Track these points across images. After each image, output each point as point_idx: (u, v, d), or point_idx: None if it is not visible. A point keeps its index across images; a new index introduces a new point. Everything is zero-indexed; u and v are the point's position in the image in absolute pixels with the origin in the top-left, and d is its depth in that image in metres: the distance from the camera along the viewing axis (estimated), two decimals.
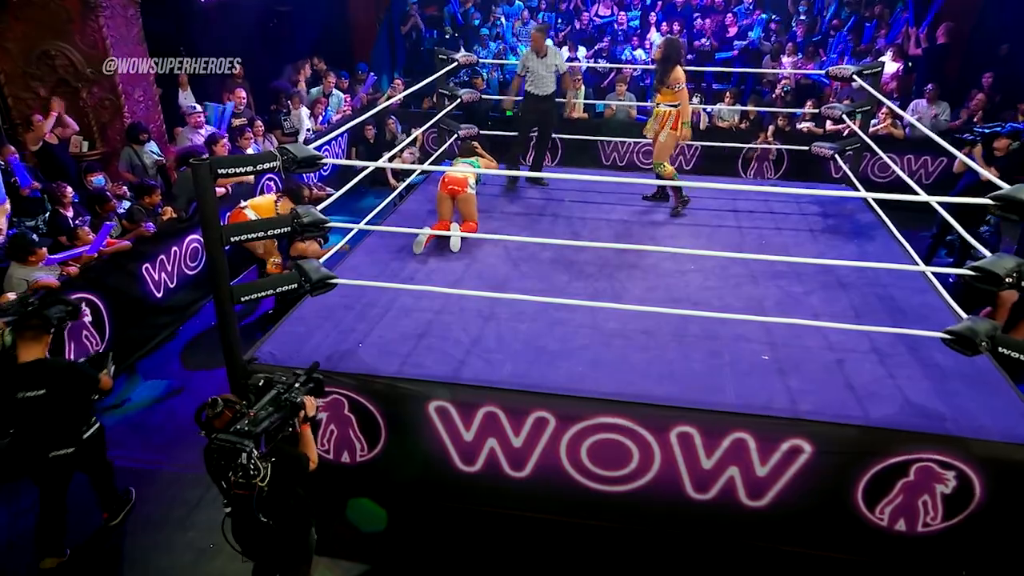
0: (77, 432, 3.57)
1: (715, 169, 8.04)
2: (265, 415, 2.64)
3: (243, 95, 7.75)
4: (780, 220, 5.65)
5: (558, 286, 4.51)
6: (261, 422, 2.60)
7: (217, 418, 2.68)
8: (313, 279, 3.56)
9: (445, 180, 5.23)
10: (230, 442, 2.51)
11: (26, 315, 3.53)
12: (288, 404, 2.74)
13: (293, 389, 2.81)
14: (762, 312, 4.13)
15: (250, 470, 2.49)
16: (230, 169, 3.22)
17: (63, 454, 3.52)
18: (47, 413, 3.44)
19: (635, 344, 3.88)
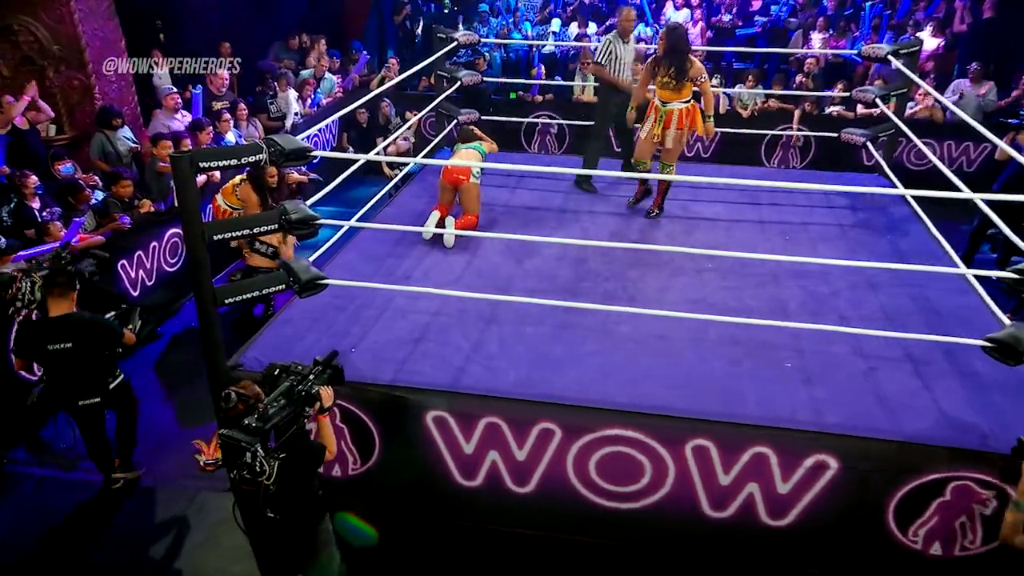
0: (103, 383, 4.11)
1: (735, 157, 8.03)
2: (276, 409, 2.71)
3: (224, 75, 7.74)
4: (806, 214, 5.64)
5: (565, 286, 4.52)
6: (271, 418, 2.68)
7: (231, 410, 2.77)
8: (302, 279, 3.58)
9: (447, 169, 5.29)
10: (235, 439, 2.59)
11: (53, 272, 4.04)
12: (302, 396, 2.81)
13: (307, 380, 2.86)
14: (785, 315, 4.13)
15: (255, 468, 2.60)
16: (212, 162, 3.23)
17: (91, 403, 4.07)
18: (74, 364, 3.97)
19: (648, 350, 3.89)
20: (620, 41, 5.91)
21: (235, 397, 2.78)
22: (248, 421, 2.64)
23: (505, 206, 5.84)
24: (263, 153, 3.33)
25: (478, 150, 5.68)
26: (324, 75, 8.97)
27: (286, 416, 2.73)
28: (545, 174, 6.15)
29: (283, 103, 8.10)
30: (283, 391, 2.78)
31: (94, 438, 4.20)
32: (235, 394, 2.79)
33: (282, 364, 2.91)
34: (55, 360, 3.95)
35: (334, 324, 4.10)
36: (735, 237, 5.23)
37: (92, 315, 4.05)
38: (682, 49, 5.02)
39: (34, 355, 4.00)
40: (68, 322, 3.94)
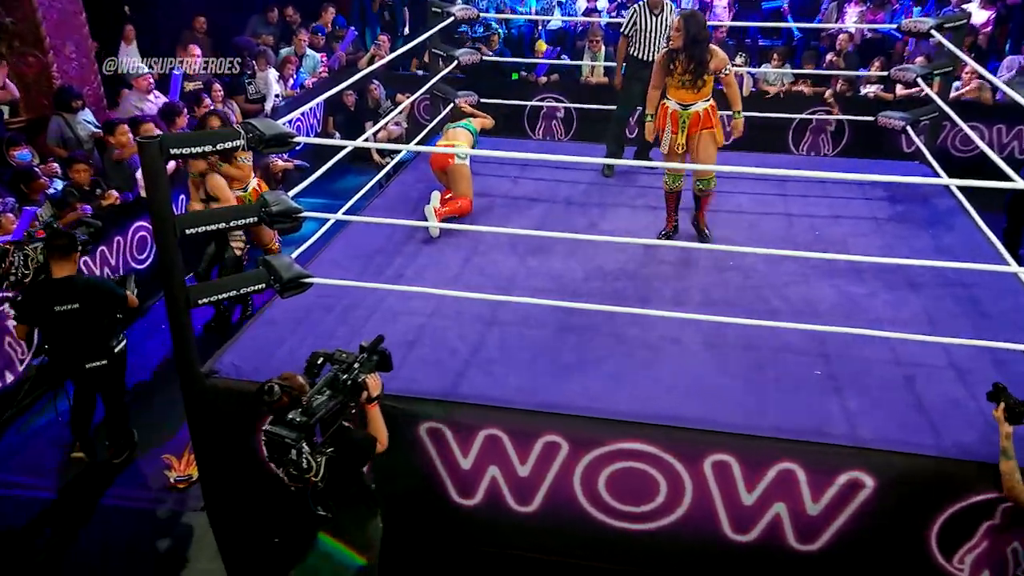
0: (108, 346, 4.43)
1: (760, 143, 7.97)
2: (320, 401, 2.77)
3: (197, 52, 7.76)
4: (839, 206, 5.65)
5: (572, 286, 4.53)
6: (315, 411, 2.74)
7: (275, 404, 2.83)
8: (284, 278, 3.60)
9: (432, 157, 5.49)
10: (279, 436, 2.66)
11: (54, 234, 4.33)
12: (348, 386, 2.86)
13: (352, 368, 2.92)
14: (815, 318, 4.14)
15: (302, 465, 2.67)
16: (184, 149, 3.25)
17: (97, 366, 4.40)
18: (80, 326, 4.29)
19: (663, 355, 3.90)
20: (647, 11, 5.86)
21: (278, 390, 2.83)
22: (292, 416, 2.71)
23: (507, 197, 5.85)
24: (240, 139, 3.35)
25: (467, 128, 5.76)
26: (305, 52, 8.97)
27: (332, 408, 2.79)
28: (551, 162, 6.16)
29: (262, 84, 8.12)
30: (327, 381, 2.85)
31: (87, 406, 4.57)
32: (278, 386, 2.85)
33: (325, 352, 2.97)
34: (62, 322, 4.25)
35: (319, 326, 4.12)
36: (759, 232, 5.23)
37: (95, 277, 4.43)
38: (703, 39, 4.58)
39: (40, 319, 4.28)
40: (73, 283, 4.26)
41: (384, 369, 3.07)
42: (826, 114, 8.22)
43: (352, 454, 2.94)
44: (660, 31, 5.83)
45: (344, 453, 2.88)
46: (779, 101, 8.41)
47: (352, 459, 2.96)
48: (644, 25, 5.85)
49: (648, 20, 5.84)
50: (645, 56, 5.94)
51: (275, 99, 8.10)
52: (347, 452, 2.90)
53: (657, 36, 5.85)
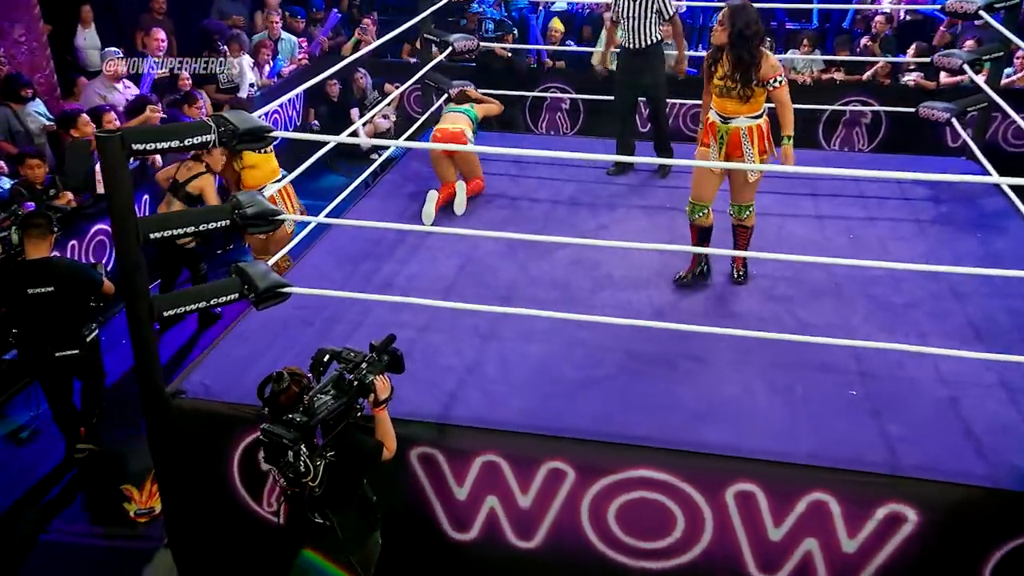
0: (80, 334, 4.59)
1: None
2: (323, 402, 2.84)
3: (162, 37, 7.78)
4: (875, 207, 5.67)
5: (579, 296, 4.54)
6: (317, 411, 2.82)
7: (283, 393, 2.90)
8: (259, 287, 3.61)
9: (437, 135, 5.64)
10: (276, 435, 2.74)
11: (32, 214, 4.54)
12: (354, 386, 2.93)
13: (360, 368, 2.98)
14: (849, 332, 4.14)
15: (299, 468, 2.75)
16: (148, 144, 3.27)
17: (68, 355, 4.55)
18: (53, 311, 4.45)
19: (680, 373, 3.91)
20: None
21: (288, 378, 2.90)
22: (291, 415, 2.78)
23: (507, 198, 5.87)
24: (211, 133, 3.37)
25: (468, 114, 5.92)
26: (280, 36, 8.98)
27: (335, 410, 2.86)
28: (555, 160, 6.18)
29: (235, 72, 8.15)
30: (332, 381, 2.92)
31: (63, 398, 4.71)
32: (288, 375, 2.92)
33: (332, 349, 3.03)
34: (34, 305, 4.42)
35: (298, 341, 4.12)
36: (787, 236, 5.25)
37: (71, 260, 4.59)
38: (752, 35, 4.15)
39: (11, 301, 4.45)
40: (48, 266, 4.44)
41: (395, 370, 3.14)
42: (861, 105, 8.23)
43: (355, 460, 3.00)
44: (643, 16, 5.84)
45: (346, 458, 2.94)
46: (808, 91, 8.43)
47: (355, 465, 3.02)
48: (626, 9, 5.87)
49: (629, 3, 5.85)
50: (631, 44, 5.95)
51: (250, 88, 8.13)
52: (350, 457, 2.96)
53: (639, 22, 5.85)
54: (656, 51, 6.00)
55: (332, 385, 2.91)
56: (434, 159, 5.71)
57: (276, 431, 2.75)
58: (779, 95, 4.31)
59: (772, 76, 4.24)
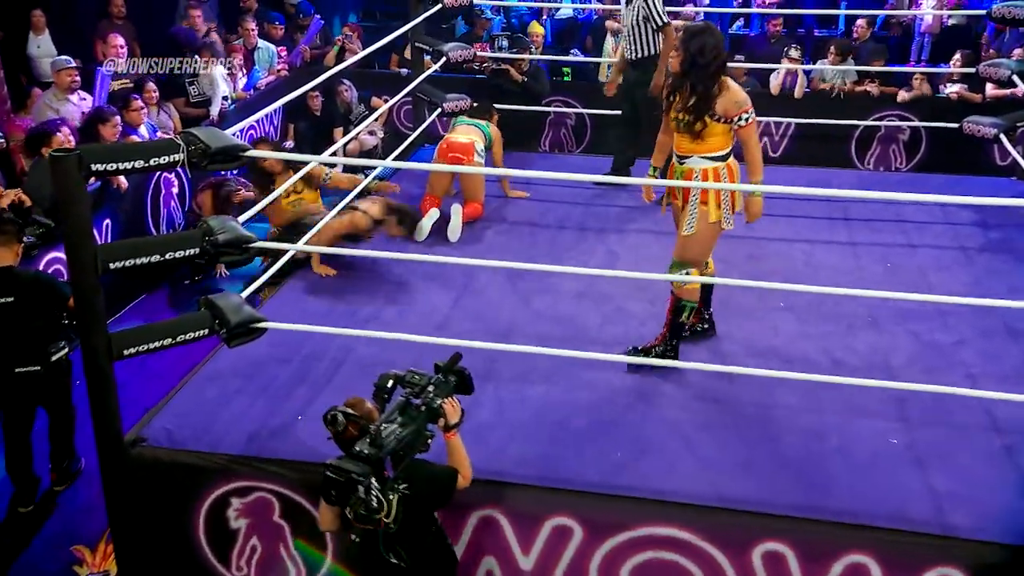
0: (44, 351, 4.56)
1: (816, 156, 8.09)
2: (391, 431, 2.88)
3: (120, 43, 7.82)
4: (915, 232, 5.69)
5: (586, 332, 4.53)
6: (386, 442, 2.85)
7: (342, 434, 2.97)
8: (231, 322, 3.61)
9: (444, 146, 5.79)
10: (344, 471, 2.77)
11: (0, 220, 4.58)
12: (422, 412, 2.98)
13: (427, 391, 3.03)
14: (888, 373, 4.13)
15: (371, 504, 2.77)
16: (109, 164, 3.28)
17: (29, 372, 4.53)
18: (14, 323, 4.44)
19: (699, 419, 3.89)
20: (623, 2, 6.07)
21: (343, 419, 2.97)
22: (359, 447, 2.81)
23: (506, 223, 5.89)
24: (179, 152, 3.38)
25: (481, 129, 6.03)
26: (257, 44, 9.04)
27: (404, 439, 2.89)
28: (559, 181, 6.21)
29: (207, 84, 8.20)
30: (398, 407, 2.97)
31: (20, 430, 4.64)
32: (342, 415, 2.98)
33: (395, 373, 3.07)
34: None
35: (274, 382, 4.12)
36: (816, 265, 5.26)
37: (38, 271, 4.58)
38: (707, 64, 3.94)
39: None
40: (11, 275, 4.44)
41: (464, 392, 3.19)
42: (898, 120, 8.28)
43: (430, 491, 3.05)
44: (637, 25, 5.98)
45: (420, 490, 2.98)
46: (839, 104, 8.49)
47: (430, 497, 3.06)
48: (624, 17, 6.04)
49: (626, 12, 6.00)
50: (629, 54, 6.12)
51: (223, 102, 8.18)
52: (424, 489, 3.00)
53: (634, 31, 5.99)
54: (652, 63, 6.11)
55: (399, 412, 2.95)
56: (434, 174, 5.84)
57: (344, 467, 2.79)
58: (744, 135, 4.06)
59: (736, 113, 4.00)
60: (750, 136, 4.08)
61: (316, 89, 8.09)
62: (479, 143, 5.91)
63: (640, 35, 5.98)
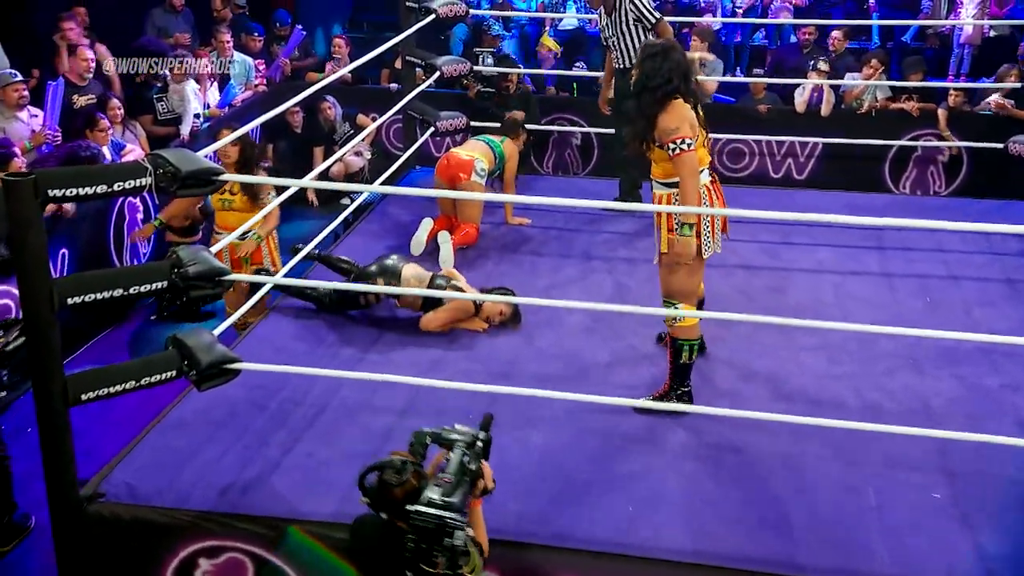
0: None
1: (846, 178, 8.10)
2: (457, 483, 2.86)
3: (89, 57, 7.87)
4: (957, 263, 5.69)
5: (593, 373, 4.52)
6: (455, 493, 2.82)
7: (401, 486, 2.89)
8: (202, 363, 3.59)
9: (444, 161, 5.93)
10: (437, 518, 2.71)
11: None
12: (471, 471, 2.96)
13: (475, 448, 3.01)
14: (930, 420, 4.11)
15: (458, 553, 2.73)
16: (67, 190, 3.28)
17: None
18: None
19: (718, 471, 3.87)
20: (603, 12, 6.14)
21: (410, 467, 2.91)
22: (434, 496, 2.77)
23: (506, 252, 5.90)
24: (146, 176, 3.39)
25: (490, 145, 6.12)
26: (232, 58, 9.08)
27: (465, 494, 2.88)
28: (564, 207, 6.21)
29: (176, 100, 8.24)
30: (458, 463, 2.92)
31: None
32: (405, 463, 2.92)
33: (432, 431, 3.02)
34: None
35: (248, 430, 4.09)
36: (847, 298, 5.26)
37: None
38: (656, 88, 4.03)
39: None
40: None
41: (485, 456, 3.12)
42: (936, 139, 8.31)
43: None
44: (624, 31, 6.08)
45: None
46: (871, 122, 8.52)
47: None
48: (608, 27, 6.15)
49: (608, 20, 6.12)
50: (620, 63, 6.20)
51: (195, 120, 8.22)
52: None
53: (622, 38, 6.10)
54: None
55: (459, 472, 2.90)
56: (436, 186, 5.98)
57: (435, 512, 2.73)
58: (678, 165, 4.01)
59: (666, 139, 3.99)
60: (680, 168, 4.02)
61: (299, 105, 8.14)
62: (481, 161, 5.96)
63: (631, 40, 6.06)
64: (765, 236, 6.03)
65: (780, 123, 8.23)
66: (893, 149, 8.36)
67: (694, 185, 4.03)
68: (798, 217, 4.19)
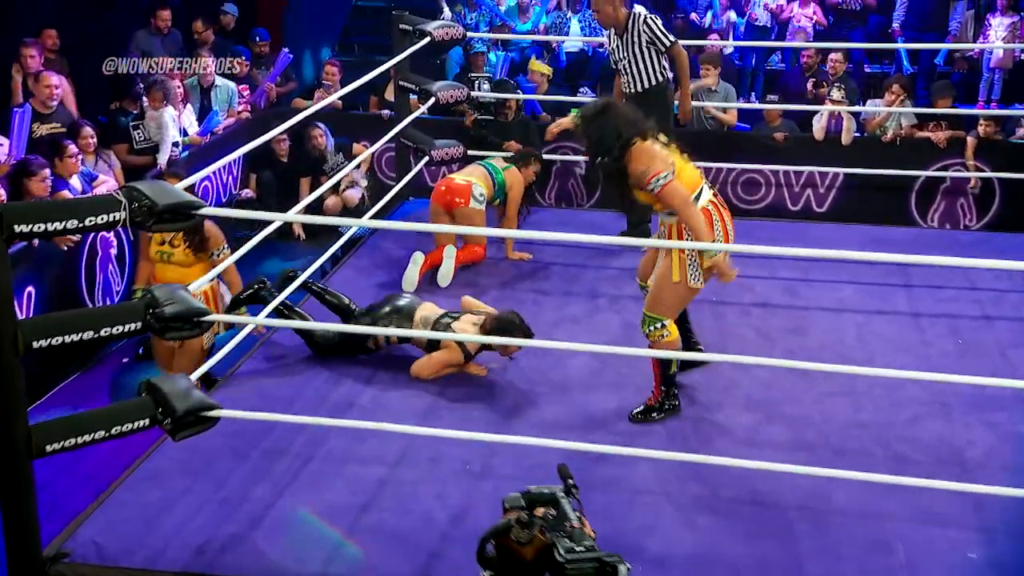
0: None
1: (870, 211, 8.13)
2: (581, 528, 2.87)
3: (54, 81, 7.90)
4: (990, 303, 5.70)
5: (600, 420, 4.51)
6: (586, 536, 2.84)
7: (530, 543, 2.85)
8: (178, 410, 3.56)
9: (442, 187, 6.06)
10: (594, 560, 2.71)
11: None
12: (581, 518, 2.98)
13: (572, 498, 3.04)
14: (963, 471, 4.09)
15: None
16: (35, 225, 3.27)
17: None
18: None
19: (737, 525, 3.84)
20: (613, 34, 6.24)
21: (537, 521, 2.89)
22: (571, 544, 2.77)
23: (507, 289, 5.91)
24: (121, 210, 3.38)
25: (489, 169, 6.26)
26: (214, 83, 9.12)
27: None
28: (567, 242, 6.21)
29: (154, 128, 8.27)
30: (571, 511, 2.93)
31: None
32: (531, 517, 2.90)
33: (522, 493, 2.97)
34: None
35: (227, 482, 4.06)
36: (873, 339, 5.25)
37: None
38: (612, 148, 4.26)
39: None
40: None
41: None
42: (965, 169, 8.33)
43: None
44: (636, 53, 6.16)
45: None
46: (896, 151, 8.55)
47: None
48: (618, 49, 6.24)
49: (618, 42, 6.22)
50: (631, 87, 6.28)
51: (173, 149, 8.25)
52: None
53: (634, 61, 6.18)
54: (660, 92, 6.25)
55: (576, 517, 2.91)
56: (432, 213, 6.09)
57: (592, 555, 2.74)
58: (666, 199, 4.26)
59: (645, 181, 4.21)
60: (671, 201, 4.25)
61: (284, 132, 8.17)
62: (478, 186, 6.07)
63: (644, 64, 6.15)
64: (783, 272, 6.03)
65: (798, 152, 8.24)
66: (920, 180, 8.37)
67: (691, 212, 4.23)
68: (819, 253, 4.21)
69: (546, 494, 2.97)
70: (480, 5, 10.79)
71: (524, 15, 10.70)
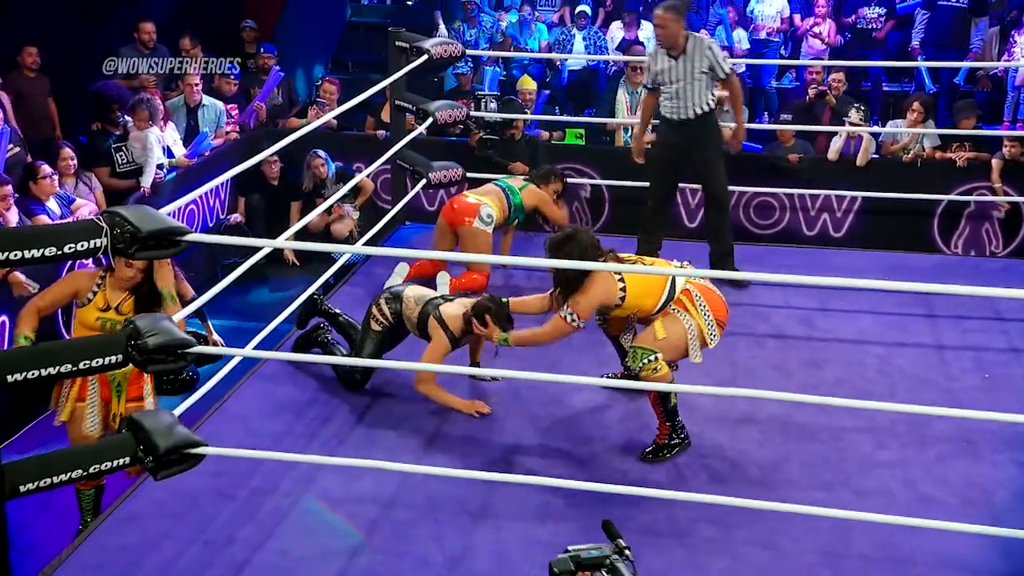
0: None
1: (890, 237, 8.13)
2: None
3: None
4: (1018, 334, 5.69)
5: (608, 458, 4.51)
6: None
7: None
8: (160, 448, 3.54)
9: (451, 206, 6.16)
10: None
11: None
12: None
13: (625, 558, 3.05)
14: (991, 513, 4.08)
15: None
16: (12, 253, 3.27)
17: None
18: None
19: (751, 569, 3.83)
20: (666, 55, 6.18)
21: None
22: None
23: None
24: (102, 237, 3.39)
25: (505, 189, 6.31)
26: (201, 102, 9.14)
27: None
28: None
29: (138, 148, 8.29)
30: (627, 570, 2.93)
31: None
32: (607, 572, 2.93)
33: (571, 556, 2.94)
34: None
35: (211, 524, 4.05)
36: (894, 373, 5.25)
37: None
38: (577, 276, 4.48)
39: None
40: None
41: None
42: (991, 193, 8.33)
43: None
44: (690, 77, 6.13)
45: None
46: (916, 173, 8.55)
47: None
48: (669, 71, 6.19)
49: (668, 64, 6.17)
50: (676, 114, 6.22)
51: (157, 171, 8.26)
52: None
53: (686, 85, 6.14)
54: (709, 122, 6.22)
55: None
56: (438, 229, 6.24)
57: None
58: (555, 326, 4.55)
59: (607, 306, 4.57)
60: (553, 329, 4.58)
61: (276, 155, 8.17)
62: (488, 207, 6.11)
63: (698, 89, 6.12)
64: (799, 302, 6.03)
65: (813, 174, 8.24)
66: (942, 204, 8.36)
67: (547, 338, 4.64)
68: (836, 282, 4.18)
69: (596, 556, 2.93)
70: (480, 21, 10.86)
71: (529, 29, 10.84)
